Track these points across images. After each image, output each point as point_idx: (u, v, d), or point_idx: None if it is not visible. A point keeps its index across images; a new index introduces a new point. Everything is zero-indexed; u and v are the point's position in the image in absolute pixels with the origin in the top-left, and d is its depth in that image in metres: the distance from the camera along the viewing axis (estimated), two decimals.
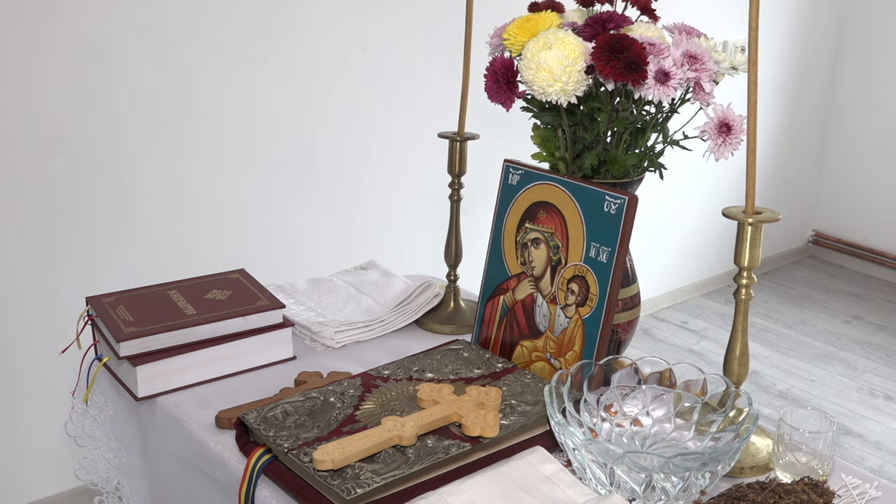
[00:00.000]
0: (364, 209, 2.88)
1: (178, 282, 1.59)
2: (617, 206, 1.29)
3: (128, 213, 2.40)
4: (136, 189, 2.40)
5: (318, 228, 2.78)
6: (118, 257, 2.41)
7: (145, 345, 1.39)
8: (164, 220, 2.47)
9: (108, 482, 1.55)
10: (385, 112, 2.84)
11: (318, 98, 2.68)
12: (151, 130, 2.38)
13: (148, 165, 2.40)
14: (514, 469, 1.13)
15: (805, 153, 4.47)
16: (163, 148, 2.42)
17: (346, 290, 1.74)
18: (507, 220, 1.45)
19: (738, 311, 1.22)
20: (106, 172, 2.34)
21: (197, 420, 1.33)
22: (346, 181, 2.81)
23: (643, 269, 1.70)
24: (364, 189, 2.86)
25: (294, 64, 2.60)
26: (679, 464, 1.02)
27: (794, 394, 3.33)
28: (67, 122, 2.25)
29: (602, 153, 1.36)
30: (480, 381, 1.33)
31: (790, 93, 4.24)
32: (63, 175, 2.27)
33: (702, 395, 1.20)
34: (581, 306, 1.33)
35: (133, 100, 2.33)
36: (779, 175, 4.32)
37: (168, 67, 2.37)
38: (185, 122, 2.44)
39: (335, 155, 2.77)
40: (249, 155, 2.59)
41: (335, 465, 1.09)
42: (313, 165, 2.72)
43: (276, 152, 2.64)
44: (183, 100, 2.42)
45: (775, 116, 4.21)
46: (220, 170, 2.54)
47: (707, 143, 1.26)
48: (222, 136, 2.52)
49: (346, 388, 1.30)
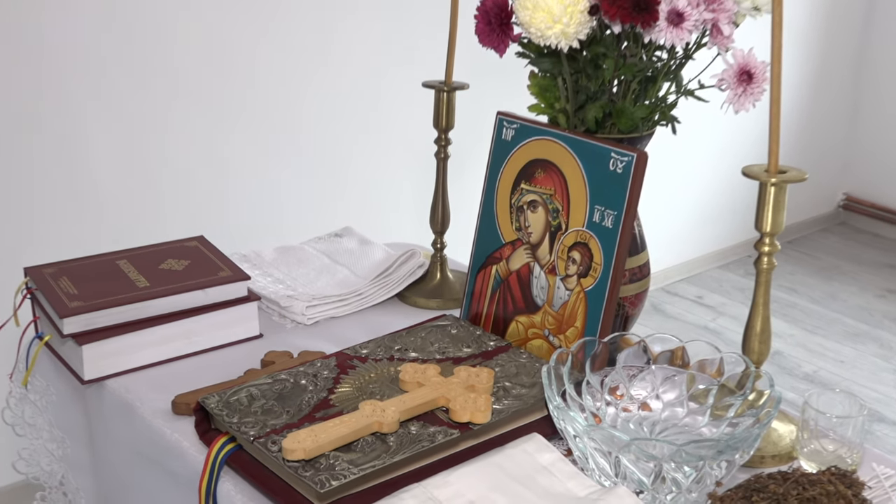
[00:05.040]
0: (339, 169, 2.87)
1: (129, 250, 1.59)
2: (624, 165, 1.29)
3: (71, 171, 2.39)
4: (81, 145, 2.39)
5: (287, 190, 2.77)
6: (61, 222, 2.40)
7: (92, 321, 1.39)
8: (113, 180, 2.46)
9: (51, 476, 1.55)
10: (361, 58, 2.82)
11: (284, 41, 2.66)
12: (97, 79, 2.37)
13: (94, 119, 2.39)
14: (508, 459, 1.13)
15: (835, 107, 4.48)
16: (111, 99, 2.40)
17: (318, 259, 1.74)
18: (501, 180, 1.45)
19: (760, 283, 1.22)
20: (46, 126, 2.32)
21: (151, 405, 1.33)
22: (319, 137, 2.81)
23: (653, 236, 1.71)
24: (339, 146, 2.85)
25: (260, 6, 2.58)
26: (692, 452, 1.03)
27: (821, 376, 3.36)
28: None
29: (607, 105, 1.36)
30: (470, 361, 1.34)
31: (819, 39, 4.24)
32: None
33: (718, 376, 1.21)
34: (583, 277, 1.33)
35: (74, 44, 2.31)
36: (806, 131, 4.33)
37: (114, 4, 2.35)
38: (137, 70, 2.42)
39: (305, 107, 2.76)
40: (208, 108, 2.57)
41: (307, 455, 1.10)
42: (280, 119, 2.71)
43: (239, 105, 2.63)
44: (134, 44, 2.40)
45: (802, 66, 4.21)
46: (175, 125, 2.53)
47: (725, 94, 1.26)
48: (178, 87, 2.50)
49: (319, 370, 1.30)
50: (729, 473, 1.08)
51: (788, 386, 3.26)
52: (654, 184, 1.88)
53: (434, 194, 1.68)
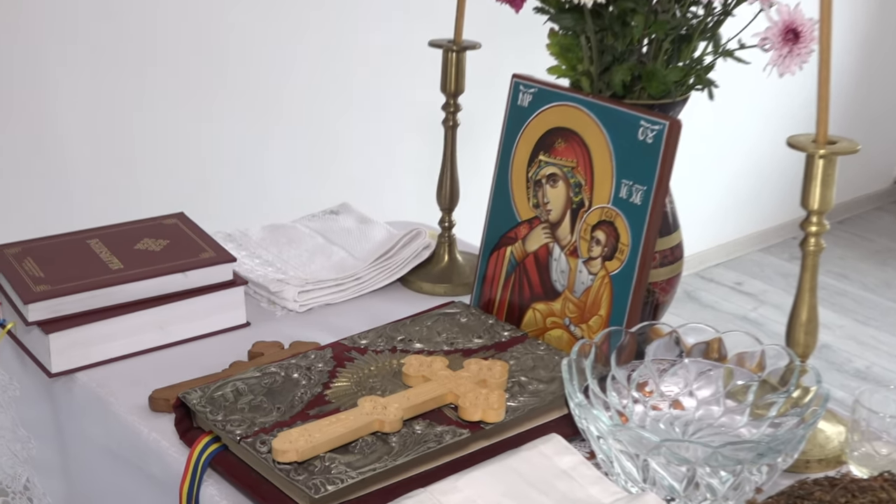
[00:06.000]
0: (335, 138, 2.87)
1: (101, 228, 1.59)
2: (654, 134, 1.29)
3: (37, 140, 2.39)
4: (49, 112, 2.39)
5: (276, 162, 2.78)
6: (25, 197, 2.40)
7: (60, 307, 1.40)
8: (84, 151, 2.46)
9: (15, 479, 1.56)
10: (361, 13, 2.82)
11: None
12: (67, 44, 2.37)
13: (64, 85, 2.39)
14: (524, 462, 1.14)
15: (890, 72, 4.46)
16: (83, 60, 2.40)
17: (312, 239, 1.74)
18: (517, 151, 1.45)
19: (806, 267, 1.22)
20: (7, 92, 2.32)
21: (126, 401, 1.33)
22: (313, 103, 2.80)
23: (687, 214, 1.70)
24: (335, 113, 2.85)
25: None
26: (729, 455, 1.03)
27: (873, 372, 3.36)
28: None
29: (636, 67, 1.36)
30: (482, 354, 1.34)
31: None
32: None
33: (758, 370, 1.21)
34: (608, 260, 1.33)
35: (43, 7, 2.31)
36: (858, 99, 4.32)
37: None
38: (110, 34, 2.42)
39: (297, 69, 2.75)
40: (186, 74, 2.57)
41: (300, 457, 1.10)
42: (266, 83, 2.71)
43: (219, 67, 2.62)
44: (109, 8, 2.40)
45: (854, 26, 4.20)
46: (152, 93, 2.53)
47: (768, 55, 1.26)
48: (154, 52, 2.50)
49: (313, 362, 1.31)
50: (770, 479, 1.08)
51: (837, 383, 3.26)
52: (689, 156, 1.87)
53: (441, 167, 1.68)
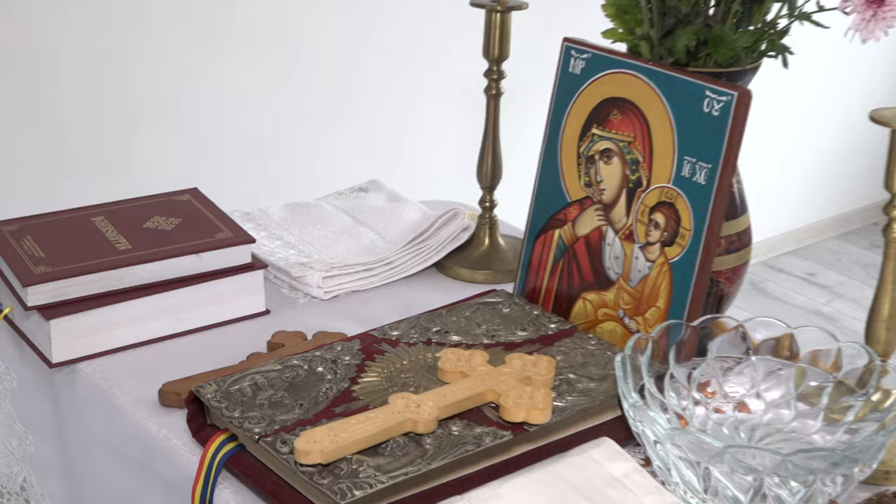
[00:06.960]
0: (363, 108, 2.87)
1: (107, 205, 1.60)
2: (721, 106, 1.29)
3: (36, 106, 2.40)
4: (47, 75, 2.40)
5: (300, 135, 2.78)
6: (24, 169, 2.42)
7: (62, 291, 1.41)
8: (87, 119, 2.47)
9: (11, 479, 1.57)
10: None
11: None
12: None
13: (63, 44, 2.40)
14: (572, 468, 1.14)
15: None
16: (85, 20, 2.41)
17: (339, 219, 1.75)
18: (567, 124, 1.45)
19: (889, 256, 1.22)
20: (6, 52, 2.34)
21: (134, 395, 1.34)
22: (337, 67, 2.81)
23: (756, 197, 1.70)
24: (363, 79, 2.85)
25: None
26: (801, 464, 1.03)
27: None
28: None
29: (702, 30, 1.35)
30: (526, 348, 1.34)
31: None
32: None
33: (834, 370, 1.21)
34: (668, 245, 1.33)
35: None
36: None
37: None
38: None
39: (320, 30, 2.75)
40: (200, 30, 2.58)
41: (325, 459, 1.10)
42: (290, 43, 2.71)
43: (239, 26, 2.63)
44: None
45: None
46: (161, 53, 2.53)
47: (850, 18, 1.25)
48: (165, 4, 2.51)
49: (339, 355, 1.31)
50: (846, 491, 1.08)
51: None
52: (759, 131, 1.87)
53: (483, 140, 1.68)
